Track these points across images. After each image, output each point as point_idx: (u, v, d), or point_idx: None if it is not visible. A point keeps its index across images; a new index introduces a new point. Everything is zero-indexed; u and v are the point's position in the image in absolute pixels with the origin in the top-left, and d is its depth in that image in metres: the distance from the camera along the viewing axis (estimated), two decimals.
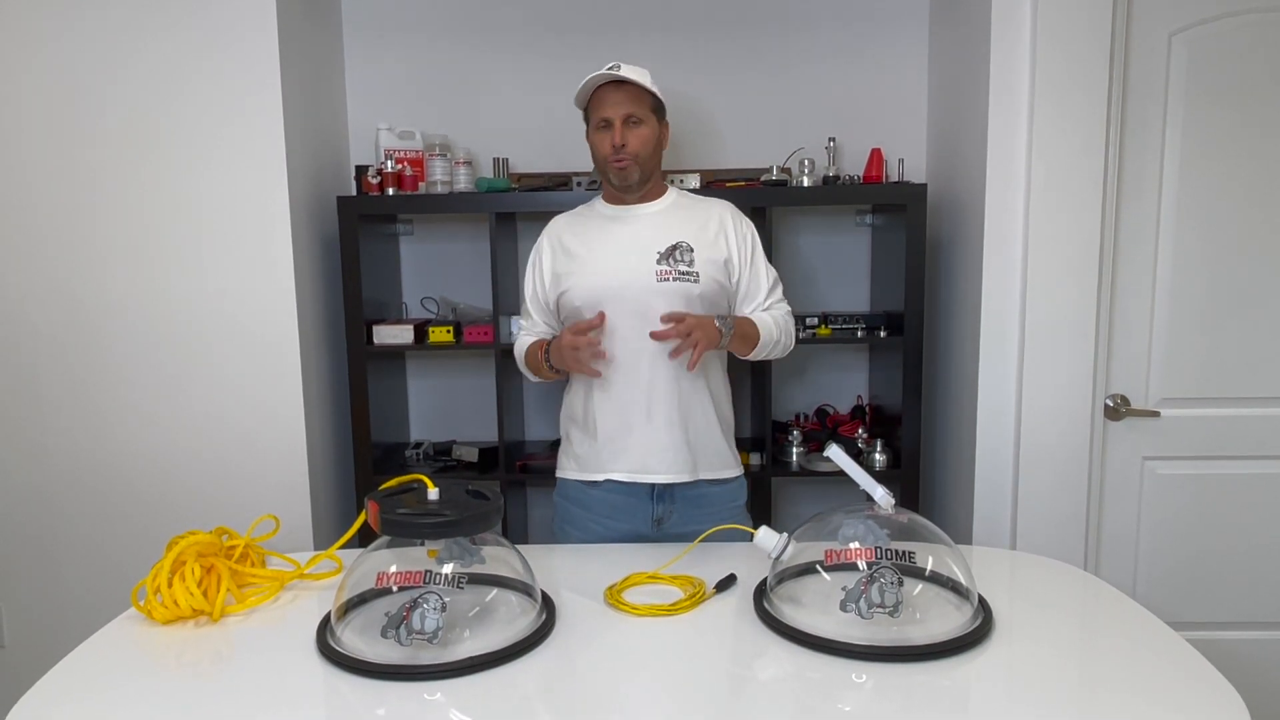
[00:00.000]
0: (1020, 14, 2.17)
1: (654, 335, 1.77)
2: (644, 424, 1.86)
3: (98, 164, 2.29)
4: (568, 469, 1.98)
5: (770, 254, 2.03)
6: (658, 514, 1.90)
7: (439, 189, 2.52)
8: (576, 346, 1.77)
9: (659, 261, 1.84)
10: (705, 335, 1.76)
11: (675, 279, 1.83)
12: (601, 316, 1.83)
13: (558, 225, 1.99)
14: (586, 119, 1.92)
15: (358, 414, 2.53)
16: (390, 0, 2.73)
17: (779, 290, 1.99)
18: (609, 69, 1.85)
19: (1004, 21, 2.18)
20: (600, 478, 1.90)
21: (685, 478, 1.88)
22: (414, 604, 1.28)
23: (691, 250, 1.86)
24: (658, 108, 1.91)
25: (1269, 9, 2.13)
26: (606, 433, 1.89)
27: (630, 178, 1.87)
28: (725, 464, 1.95)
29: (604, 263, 1.88)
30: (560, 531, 1.99)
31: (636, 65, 1.89)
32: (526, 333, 2.03)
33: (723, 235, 1.91)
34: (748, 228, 1.96)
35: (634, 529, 1.90)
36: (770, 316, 1.94)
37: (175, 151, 2.29)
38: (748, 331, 1.87)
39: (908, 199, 2.39)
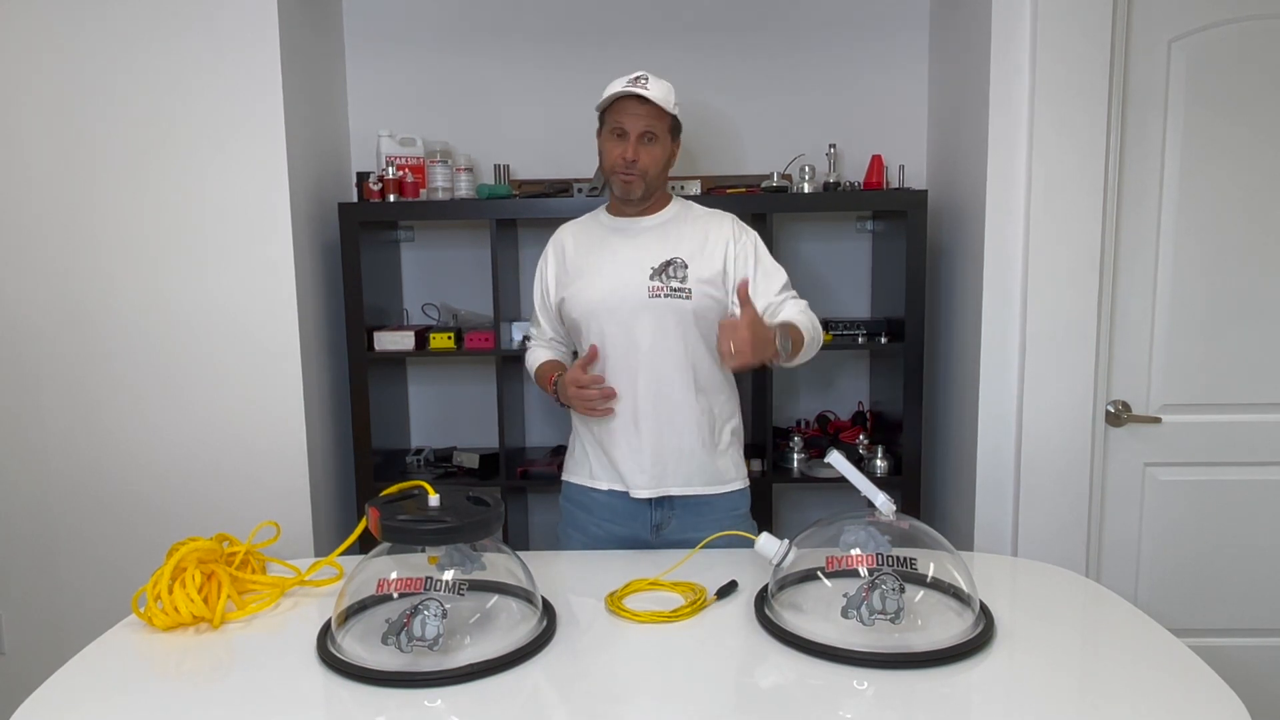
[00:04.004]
0: (1020, 21, 2.17)
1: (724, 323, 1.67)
2: (630, 439, 1.87)
3: (100, 170, 2.30)
4: (571, 472, 2.01)
5: None
6: (656, 520, 1.90)
7: (440, 196, 2.52)
8: (584, 396, 1.83)
9: (652, 277, 1.84)
10: (761, 348, 1.65)
11: (667, 295, 1.83)
12: (594, 350, 1.86)
13: (563, 233, 2.02)
14: (601, 121, 1.91)
15: (358, 420, 2.53)
16: (392, 8, 2.74)
17: (790, 288, 1.92)
18: (635, 79, 1.82)
19: (1004, 28, 2.18)
20: (602, 486, 1.93)
21: (671, 492, 1.88)
22: (414, 611, 1.28)
23: (685, 267, 1.85)
24: (674, 127, 1.91)
25: (1268, 15, 2.13)
26: (599, 445, 1.92)
27: (634, 193, 1.87)
28: (722, 478, 1.92)
29: (599, 275, 1.89)
30: (563, 534, 2.00)
31: (662, 79, 1.86)
32: (536, 341, 2.08)
33: (720, 249, 1.88)
34: (749, 237, 1.92)
35: (633, 534, 1.91)
36: (799, 313, 1.86)
37: (177, 158, 2.30)
38: (795, 338, 1.78)
39: (908, 205, 2.39)
